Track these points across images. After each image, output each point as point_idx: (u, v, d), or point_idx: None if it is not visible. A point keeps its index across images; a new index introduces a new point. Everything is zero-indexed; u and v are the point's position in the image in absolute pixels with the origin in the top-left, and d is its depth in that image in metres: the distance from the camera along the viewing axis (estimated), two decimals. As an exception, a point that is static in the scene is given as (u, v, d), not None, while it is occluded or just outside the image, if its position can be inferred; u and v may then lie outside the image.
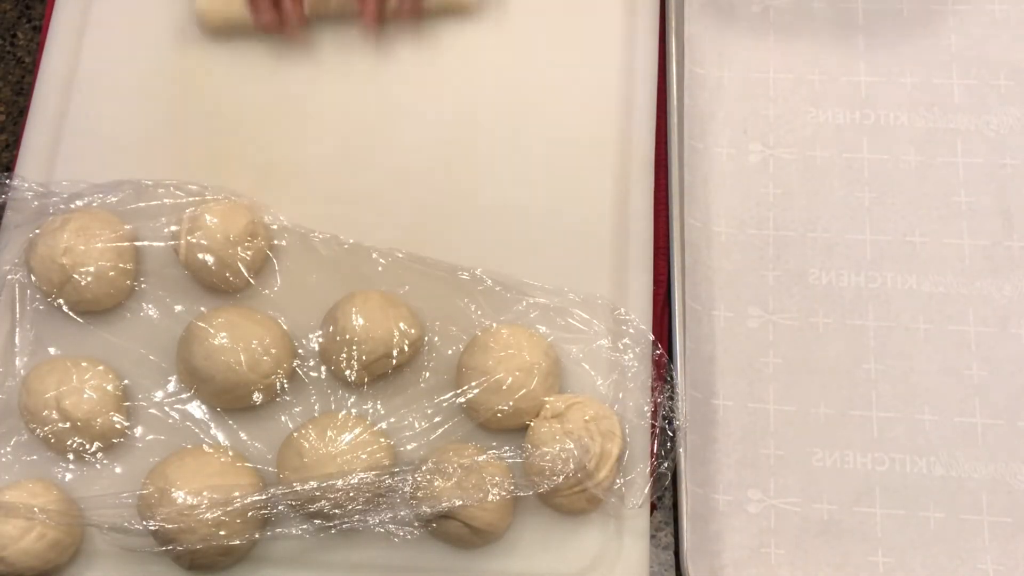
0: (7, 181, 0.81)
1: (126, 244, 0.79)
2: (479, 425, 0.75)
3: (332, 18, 0.86)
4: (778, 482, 0.76)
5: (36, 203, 0.81)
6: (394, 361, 0.75)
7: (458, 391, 0.74)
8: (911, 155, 0.84)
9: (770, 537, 0.75)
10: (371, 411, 0.76)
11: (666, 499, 0.77)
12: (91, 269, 0.77)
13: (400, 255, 0.80)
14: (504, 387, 0.73)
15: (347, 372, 0.75)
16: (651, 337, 0.77)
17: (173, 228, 0.80)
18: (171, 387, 0.77)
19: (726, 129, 0.86)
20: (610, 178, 0.82)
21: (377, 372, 0.76)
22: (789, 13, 0.89)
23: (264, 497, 0.71)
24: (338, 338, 0.75)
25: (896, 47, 0.87)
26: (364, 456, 0.72)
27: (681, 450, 0.75)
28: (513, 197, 0.82)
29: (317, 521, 0.72)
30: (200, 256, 0.77)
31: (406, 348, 0.75)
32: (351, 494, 0.70)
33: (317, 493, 0.70)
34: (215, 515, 0.70)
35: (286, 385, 0.76)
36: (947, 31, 0.88)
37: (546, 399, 0.74)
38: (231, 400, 0.75)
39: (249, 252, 0.78)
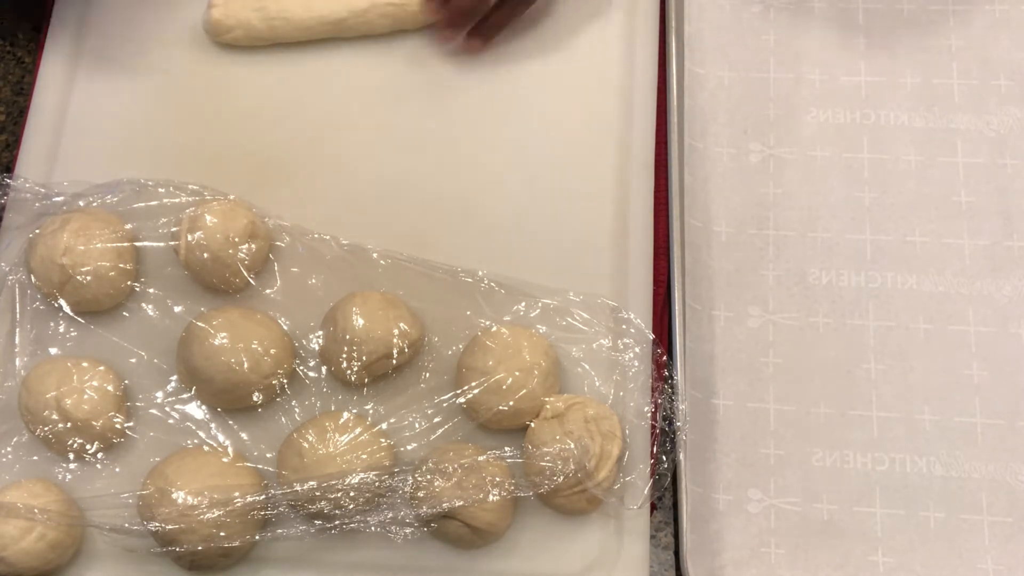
0: (7, 181, 0.81)
1: (126, 244, 0.79)
2: (479, 425, 0.75)
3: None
4: (778, 482, 0.76)
5: (36, 203, 0.81)
6: (394, 361, 0.75)
7: (458, 391, 0.74)
8: (911, 155, 0.84)
9: (770, 537, 0.75)
10: (371, 411, 0.76)
11: (666, 499, 0.77)
12: (91, 269, 0.77)
13: (400, 256, 0.80)
14: (504, 387, 0.73)
15: (347, 372, 0.75)
16: (651, 337, 0.77)
17: (173, 228, 0.80)
18: (171, 387, 0.77)
19: (726, 129, 0.86)
20: (610, 178, 0.82)
21: (377, 372, 0.76)
22: (789, 13, 0.89)
23: (264, 497, 0.71)
24: (338, 338, 0.75)
25: (896, 47, 0.87)
26: (364, 456, 0.72)
27: (681, 450, 0.75)
28: (513, 198, 0.82)
29: (317, 521, 0.72)
30: (200, 256, 0.77)
31: (406, 349, 0.75)
32: (351, 494, 0.70)
33: (317, 493, 0.70)
34: (215, 515, 0.70)
35: (286, 385, 0.76)
36: (947, 31, 0.88)
37: (546, 399, 0.74)
38: (231, 400, 0.75)
39: (249, 252, 0.78)
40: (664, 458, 0.74)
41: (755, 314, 0.81)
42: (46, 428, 0.74)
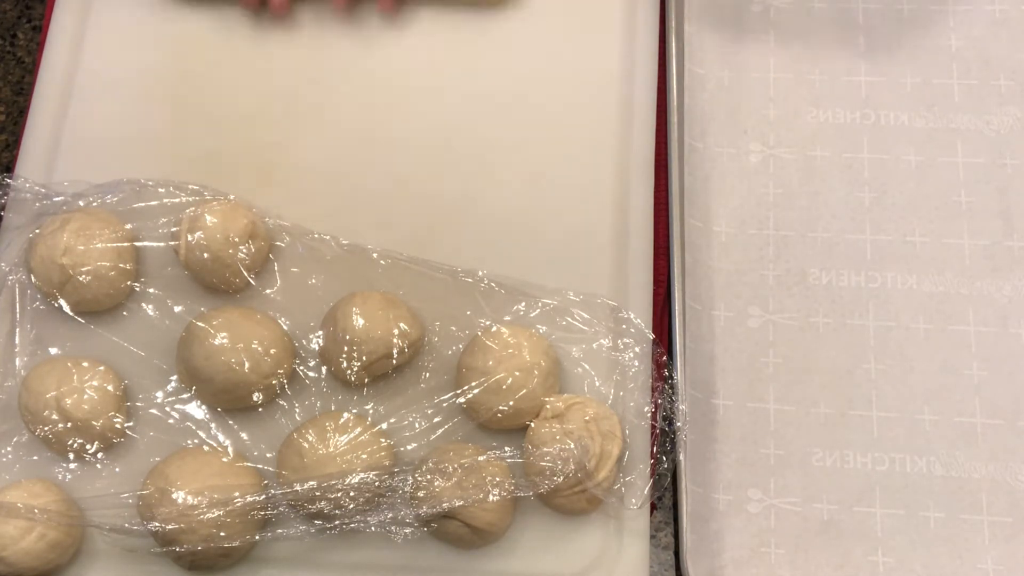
0: (7, 181, 0.81)
1: (126, 244, 0.79)
2: (479, 425, 0.75)
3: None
4: (778, 482, 0.76)
5: (36, 203, 0.81)
6: (394, 361, 0.75)
7: (458, 391, 0.74)
8: (911, 155, 0.84)
9: (770, 537, 0.75)
10: (371, 411, 0.76)
11: (666, 499, 0.77)
12: (91, 269, 0.77)
13: (400, 256, 0.80)
14: (504, 387, 0.73)
15: (347, 372, 0.75)
16: (651, 337, 0.77)
17: (173, 228, 0.80)
18: (171, 387, 0.77)
19: (726, 129, 0.86)
20: (610, 178, 0.82)
21: (377, 372, 0.76)
22: (789, 13, 0.89)
23: (264, 497, 0.71)
24: (338, 338, 0.75)
25: (896, 47, 0.87)
26: (364, 456, 0.72)
27: (681, 450, 0.75)
28: (513, 197, 0.82)
29: (317, 521, 0.72)
30: (200, 256, 0.77)
31: (406, 349, 0.75)
32: (351, 494, 0.70)
33: (317, 493, 0.70)
34: (215, 516, 0.70)
35: (286, 385, 0.76)
36: (947, 31, 0.88)
37: (546, 399, 0.74)
38: (231, 400, 0.75)
39: (249, 252, 0.78)
40: (664, 458, 0.74)
41: (755, 314, 0.81)
42: (46, 428, 0.74)
